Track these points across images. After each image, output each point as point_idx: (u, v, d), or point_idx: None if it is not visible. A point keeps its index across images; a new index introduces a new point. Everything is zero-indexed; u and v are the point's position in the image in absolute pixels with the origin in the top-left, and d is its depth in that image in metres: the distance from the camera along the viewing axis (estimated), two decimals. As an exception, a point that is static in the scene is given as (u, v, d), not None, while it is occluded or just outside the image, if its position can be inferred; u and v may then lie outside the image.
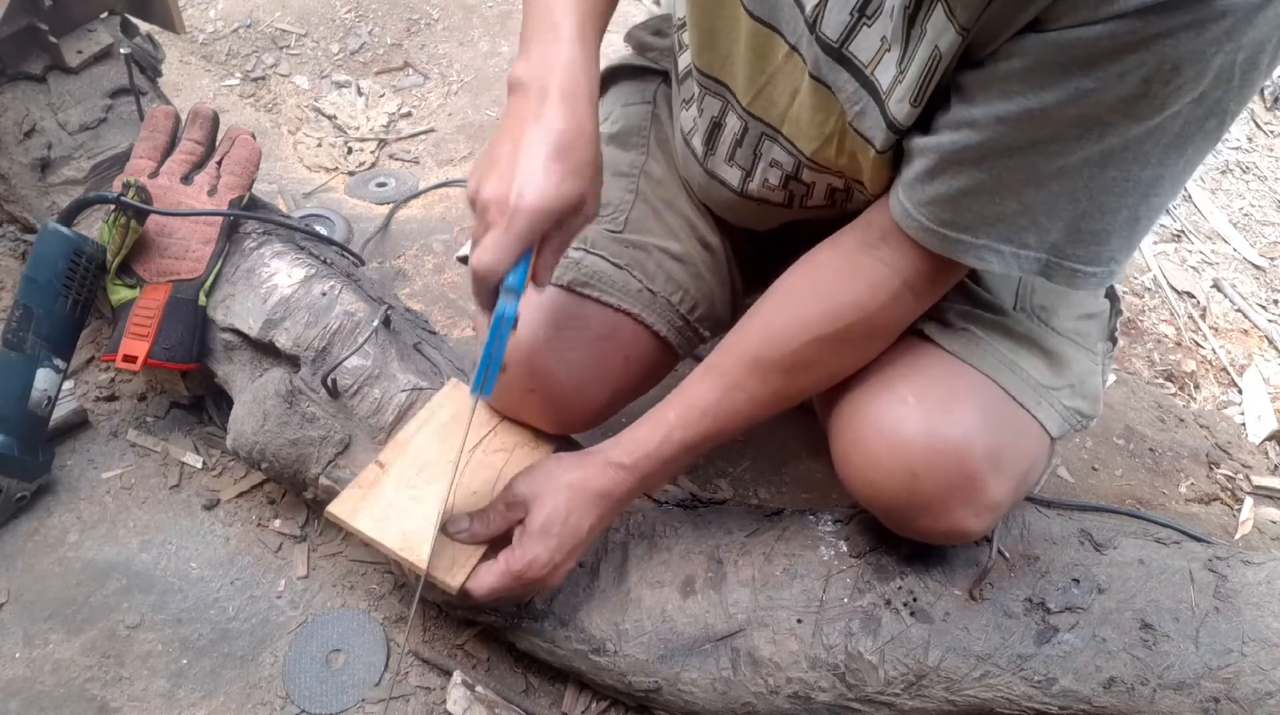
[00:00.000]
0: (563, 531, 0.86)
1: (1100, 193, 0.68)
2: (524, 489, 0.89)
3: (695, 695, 0.94)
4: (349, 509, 0.90)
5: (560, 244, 0.79)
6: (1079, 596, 0.91)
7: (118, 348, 1.09)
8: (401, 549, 0.88)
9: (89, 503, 1.16)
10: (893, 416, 0.82)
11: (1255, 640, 0.88)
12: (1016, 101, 0.65)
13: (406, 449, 0.96)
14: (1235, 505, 1.35)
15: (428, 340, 1.14)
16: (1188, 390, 1.57)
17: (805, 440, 1.34)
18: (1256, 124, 2.17)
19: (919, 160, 0.73)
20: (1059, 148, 0.66)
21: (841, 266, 0.82)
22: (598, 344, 0.99)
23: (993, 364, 0.86)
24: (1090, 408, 0.91)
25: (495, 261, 0.74)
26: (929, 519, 0.85)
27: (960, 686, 0.90)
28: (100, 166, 1.26)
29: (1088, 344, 0.92)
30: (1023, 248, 0.72)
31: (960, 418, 0.82)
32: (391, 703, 1.01)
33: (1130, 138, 0.64)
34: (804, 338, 0.82)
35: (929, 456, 0.81)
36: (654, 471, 0.88)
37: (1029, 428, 0.87)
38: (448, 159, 1.83)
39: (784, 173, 0.91)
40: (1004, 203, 0.70)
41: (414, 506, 0.91)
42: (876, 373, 0.86)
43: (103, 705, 0.99)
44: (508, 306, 0.77)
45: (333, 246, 1.23)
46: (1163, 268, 1.79)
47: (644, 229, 1.03)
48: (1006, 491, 0.85)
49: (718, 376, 0.86)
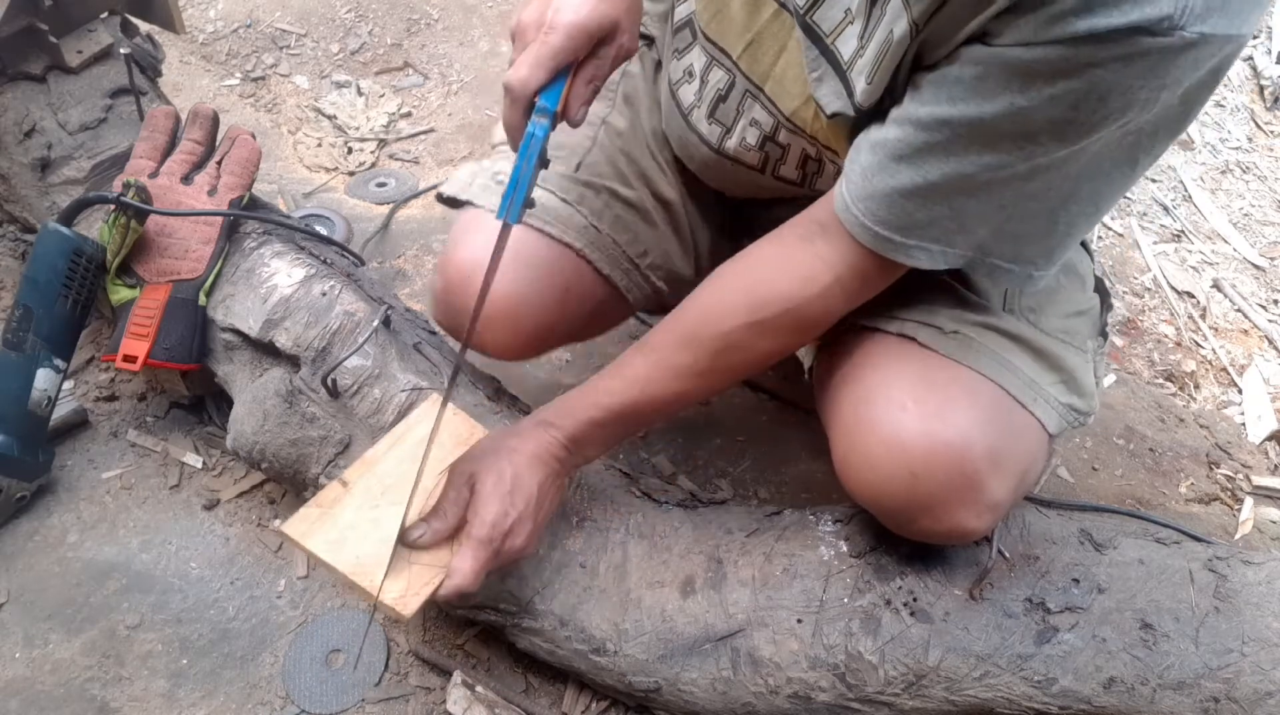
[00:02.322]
0: (513, 489, 0.86)
1: (1025, 201, 0.73)
2: (465, 467, 0.89)
3: (695, 695, 0.94)
4: (303, 529, 0.85)
5: (594, 74, 0.81)
6: (1079, 596, 0.91)
7: (118, 348, 1.09)
8: (354, 573, 0.84)
9: (89, 503, 1.16)
10: (891, 420, 0.83)
11: (1255, 640, 0.88)
12: (959, 107, 0.68)
13: (374, 468, 0.92)
14: (1235, 505, 1.35)
15: (428, 340, 1.14)
16: (1188, 390, 1.57)
17: (805, 440, 1.34)
18: (1256, 124, 2.17)
19: (865, 154, 0.76)
20: (992, 159, 0.69)
21: (779, 258, 0.86)
22: (537, 271, 1.00)
23: (987, 363, 0.86)
24: (1085, 404, 0.92)
25: (529, 76, 0.77)
26: (930, 520, 0.85)
27: (960, 686, 0.90)
28: (100, 166, 1.26)
29: (1077, 342, 0.93)
30: (950, 247, 0.77)
31: (958, 419, 0.83)
32: (391, 703, 1.01)
33: (1056, 157, 0.68)
34: (734, 322, 0.85)
35: (928, 458, 0.82)
36: (585, 434, 0.90)
37: (1028, 426, 0.88)
38: (448, 159, 1.83)
39: (762, 133, 0.93)
40: (936, 207, 0.74)
41: (372, 529, 0.87)
42: (874, 378, 0.87)
43: (103, 705, 0.99)
44: (538, 127, 0.76)
45: (333, 246, 1.23)
46: (1163, 268, 1.79)
47: (598, 173, 1.05)
48: (1007, 491, 0.85)
49: (649, 350, 0.90)
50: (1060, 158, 0.69)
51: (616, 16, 0.80)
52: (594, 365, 1.41)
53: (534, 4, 0.80)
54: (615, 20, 0.80)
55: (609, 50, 0.81)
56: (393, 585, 0.84)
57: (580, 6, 0.77)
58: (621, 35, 0.81)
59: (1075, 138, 0.67)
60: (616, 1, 0.79)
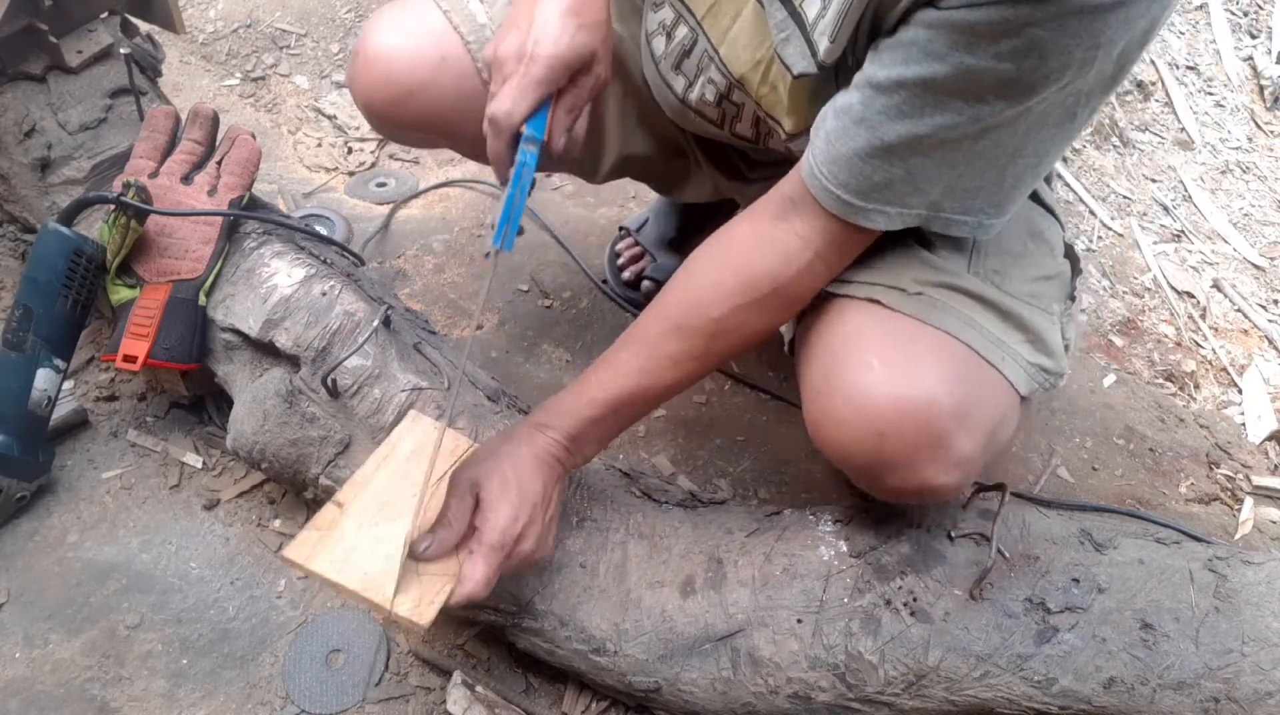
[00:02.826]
0: (519, 492, 0.87)
1: (975, 159, 0.77)
2: (467, 475, 0.90)
3: (695, 695, 0.94)
4: (306, 552, 0.86)
5: (573, 103, 0.84)
6: (1079, 596, 0.91)
7: (118, 348, 1.09)
8: (364, 589, 0.84)
9: (89, 503, 1.16)
10: (858, 380, 0.84)
11: (1255, 640, 0.88)
12: (913, 69, 0.72)
13: (366, 488, 0.92)
14: (1235, 505, 1.35)
15: (428, 340, 1.14)
16: (1188, 390, 1.57)
17: (805, 440, 1.33)
18: (1256, 124, 2.17)
19: (830, 120, 0.80)
20: (944, 119, 0.74)
21: (757, 239, 0.88)
22: (421, 37, 1.06)
23: (952, 322, 0.87)
24: (1055, 365, 0.94)
25: (512, 107, 0.80)
26: (898, 478, 0.86)
27: (960, 686, 0.90)
28: (100, 166, 1.26)
29: (1042, 305, 0.94)
30: (905, 208, 0.81)
31: (924, 377, 0.83)
32: (391, 703, 1.01)
33: (1004, 117, 0.73)
34: (723, 307, 0.88)
35: (895, 417, 0.82)
36: (582, 430, 0.91)
37: (995, 383, 0.89)
38: (448, 159, 1.83)
39: (718, 90, 0.97)
40: (892, 168, 0.78)
41: (376, 546, 0.87)
42: (840, 340, 0.88)
43: (103, 705, 0.99)
44: (527, 155, 0.78)
45: (333, 246, 1.23)
46: (1163, 268, 1.79)
47: None
48: (975, 447, 0.86)
49: (638, 342, 0.91)
50: (1008, 117, 0.73)
51: (594, 47, 0.84)
52: (594, 365, 1.41)
53: (511, 36, 0.83)
54: (592, 50, 0.84)
55: (587, 80, 0.85)
56: (405, 597, 0.85)
57: (559, 38, 0.81)
58: (598, 65, 0.85)
59: (1020, 97, 0.71)
60: (593, 32, 0.83)
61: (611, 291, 1.52)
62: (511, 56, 0.82)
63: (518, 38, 0.82)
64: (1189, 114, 2.12)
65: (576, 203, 1.71)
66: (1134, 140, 2.06)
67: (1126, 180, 1.98)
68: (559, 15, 0.82)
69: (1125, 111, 2.10)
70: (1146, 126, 2.10)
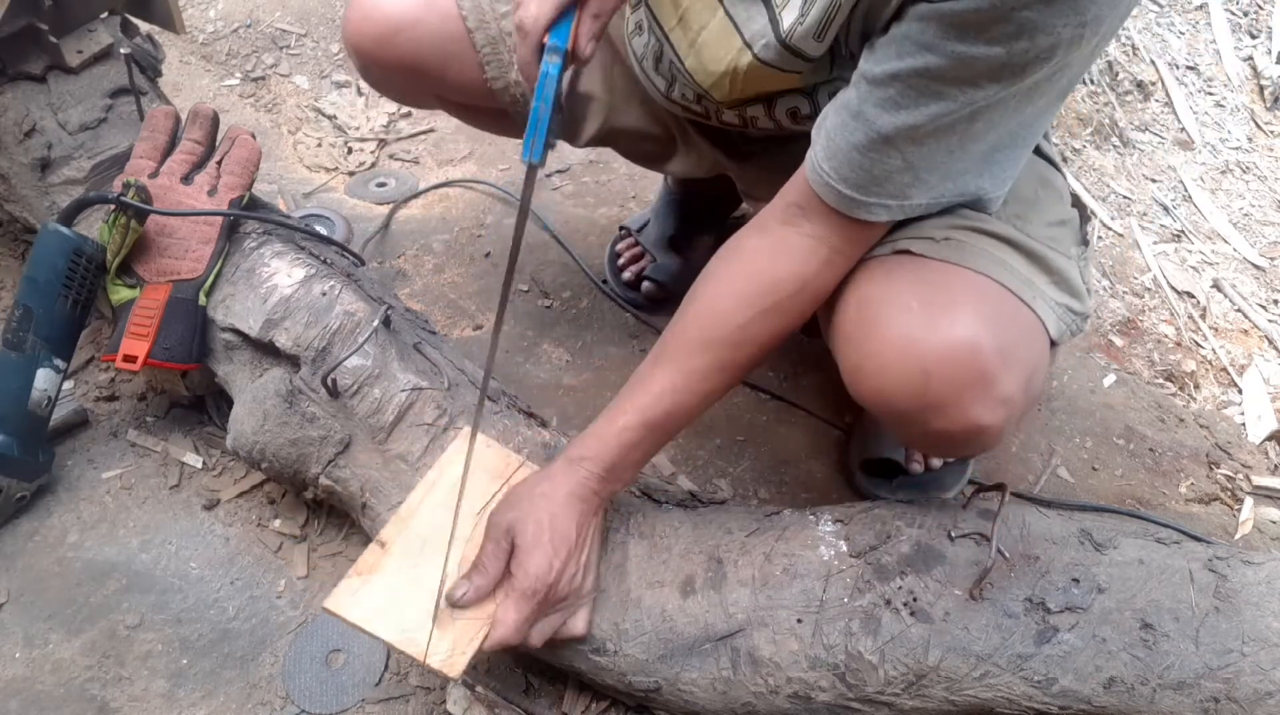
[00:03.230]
0: (552, 537, 0.88)
1: (968, 142, 0.79)
2: (502, 518, 0.91)
3: (695, 695, 0.94)
4: (346, 602, 0.88)
5: (599, 9, 0.83)
6: (1079, 596, 0.91)
7: (118, 348, 1.09)
8: (400, 643, 0.86)
9: (89, 503, 1.16)
10: (900, 322, 0.84)
11: (1255, 640, 0.88)
12: (907, 61, 0.74)
13: (409, 523, 0.93)
14: (1235, 505, 1.35)
15: (428, 340, 1.14)
16: (1188, 390, 1.56)
17: (805, 440, 1.34)
18: (1256, 124, 2.17)
19: (831, 117, 0.82)
20: (938, 108, 0.76)
21: (771, 246, 0.89)
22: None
23: (985, 263, 0.88)
24: (1080, 305, 0.95)
25: (539, 12, 0.80)
26: (945, 420, 0.85)
27: (960, 686, 0.90)
28: (100, 166, 1.26)
29: (1062, 248, 0.95)
30: (906, 200, 0.83)
31: (966, 316, 0.84)
32: (391, 703, 1.01)
33: (996, 99, 0.75)
34: (747, 314, 0.89)
35: (940, 354, 0.82)
36: (618, 458, 0.91)
37: (1031, 323, 0.90)
38: (448, 159, 1.83)
39: (695, 92, 1.00)
40: (890, 159, 0.80)
41: (414, 590, 0.88)
42: (877, 289, 0.88)
43: (103, 705, 0.99)
44: (551, 65, 0.78)
45: (333, 246, 1.23)
46: (1163, 268, 1.79)
47: None
48: (1017, 386, 0.86)
49: (666, 361, 0.91)
50: (999, 99, 0.75)
51: None
52: (595, 365, 1.41)
53: None
54: None
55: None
56: (439, 645, 0.86)
57: None
58: None
59: (1011, 78, 0.73)
60: None
61: (611, 291, 1.52)
62: None
63: None
64: (1189, 114, 2.12)
65: (576, 203, 1.71)
66: (1134, 140, 2.06)
67: (1126, 180, 1.98)
68: None
69: (1125, 111, 2.10)
70: (1146, 126, 2.10)
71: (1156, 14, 2.29)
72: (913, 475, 1.24)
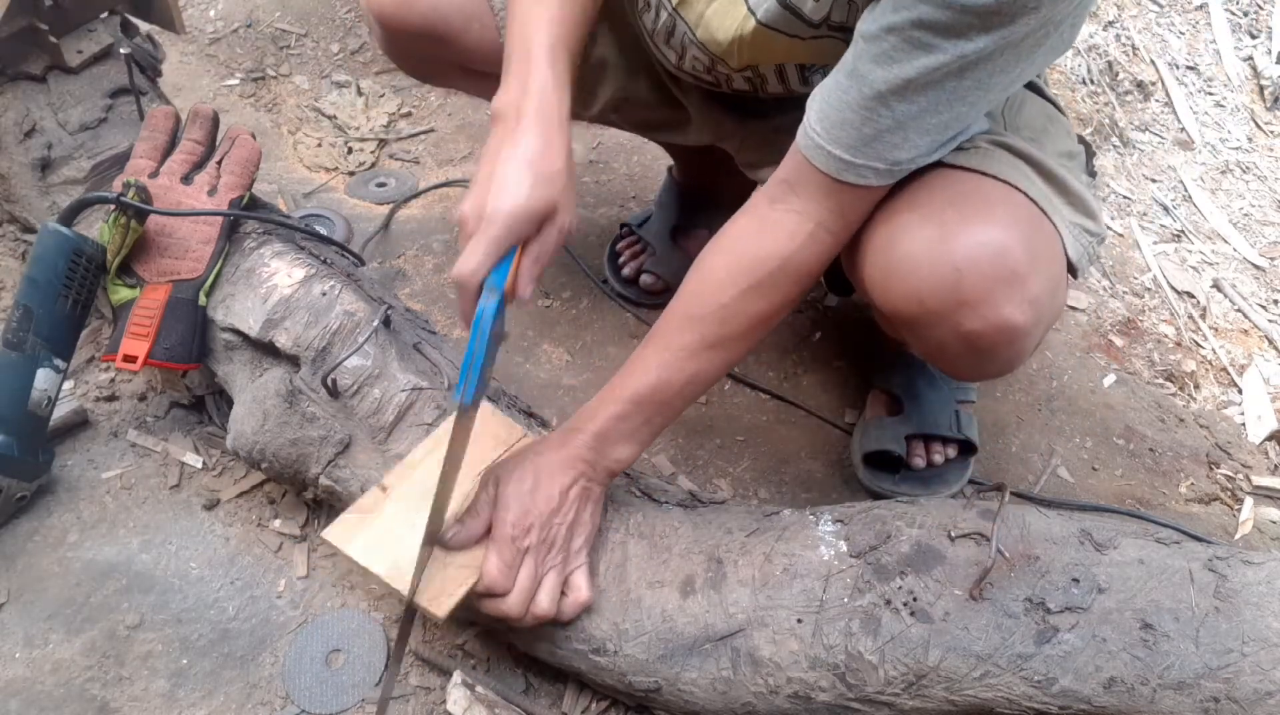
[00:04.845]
0: (534, 489, 0.91)
1: (956, 100, 0.80)
2: (495, 471, 0.95)
3: (695, 695, 0.94)
4: (343, 535, 0.90)
5: (539, 254, 0.86)
6: (1079, 596, 0.91)
7: (118, 348, 1.09)
8: (390, 577, 0.88)
9: (89, 503, 1.16)
10: (931, 221, 0.86)
11: (1255, 640, 0.88)
12: (901, 14, 0.76)
13: (413, 472, 0.95)
14: (1235, 505, 1.35)
15: (428, 340, 1.14)
16: (1188, 390, 1.56)
17: (805, 440, 1.34)
18: (1256, 124, 2.17)
19: (830, 79, 0.83)
20: (929, 60, 0.76)
21: (757, 225, 0.91)
22: None
23: (1009, 172, 0.90)
24: (1095, 226, 0.96)
25: (476, 266, 0.82)
26: (976, 319, 0.86)
27: (960, 686, 0.90)
28: (100, 166, 1.26)
29: (1074, 173, 0.97)
30: (895, 164, 0.84)
31: (996, 217, 0.86)
32: (391, 703, 1.01)
33: (985, 50, 0.76)
34: (730, 292, 0.90)
35: (972, 251, 0.84)
36: (606, 428, 0.93)
37: (1053, 237, 0.92)
38: (448, 159, 1.83)
39: (704, 63, 1.03)
40: (880, 118, 0.80)
41: (409, 533, 0.90)
42: (902, 198, 0.89)
43: (103, 705, 0.99)
44: (487, 304, 0.78)
45: (333, 246, 1.23)
46: (1163, 268, 1.79)
47: None
48: (1044, 290, 0.87)
49: (654, 340, 0.94)
50: (988, 51, 0.76)
51: (553, 198, 0.85)
52: (595, 365, 1.41)
53: (474, 193, 0.85)
54: (552, 202, 0.85)
55: (552, 228, 0.86)
56: (428, 587, 0.88)
57: (516, 194, 0.82)
58: (561, 214, 0.87)
59: (1000, 27, 0.74)
60: (551, 182, 0.84)
61: (611, 291, 1.52)
62: (472, 215, 0.84)
63: (477, 196, 0.84)
64: (1189, 114, 2.12)
65: (576, 203, 1.71)
66: (1134, 140, 2.06)
67: (1126, 180, 1.99)
68: (517, 169, 0.83)
69: (1125, 111, 2.10)
70: (1146, 126, 2.10)
71: (1156, 14, 2.29)
72: (915, 470, 1.24)
